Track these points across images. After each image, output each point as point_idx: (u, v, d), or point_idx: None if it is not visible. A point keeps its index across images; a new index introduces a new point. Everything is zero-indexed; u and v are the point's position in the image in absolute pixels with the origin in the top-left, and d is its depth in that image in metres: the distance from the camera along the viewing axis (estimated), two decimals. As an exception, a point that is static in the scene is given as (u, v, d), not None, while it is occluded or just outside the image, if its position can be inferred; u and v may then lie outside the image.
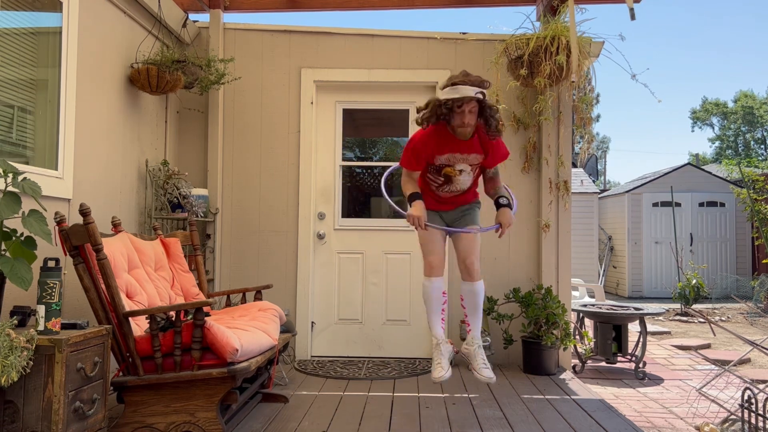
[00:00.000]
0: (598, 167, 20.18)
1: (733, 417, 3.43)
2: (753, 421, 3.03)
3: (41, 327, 2.27)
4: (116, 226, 3.28)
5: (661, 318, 8.47)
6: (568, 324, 4.46)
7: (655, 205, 11.60)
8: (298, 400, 3.63)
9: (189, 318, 2.82)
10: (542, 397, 3.77)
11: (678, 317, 8.54)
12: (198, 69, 4.25)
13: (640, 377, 4.73)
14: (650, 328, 7.12)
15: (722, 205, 11.60)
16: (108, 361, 2.55)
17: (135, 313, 2.75)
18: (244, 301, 3.86)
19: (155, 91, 3.98)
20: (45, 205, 2.61)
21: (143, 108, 4.23)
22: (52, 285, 2.30)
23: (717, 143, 34.68)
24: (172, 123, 4.72)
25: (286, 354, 4.55)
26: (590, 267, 11.39)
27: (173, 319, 2.77)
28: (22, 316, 2.38)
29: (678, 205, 11.41)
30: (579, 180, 12.12)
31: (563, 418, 3.33)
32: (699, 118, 35.00)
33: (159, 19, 4.25)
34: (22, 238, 2.39)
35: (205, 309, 2.95)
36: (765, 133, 32.82)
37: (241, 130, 4.85)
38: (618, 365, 5.06)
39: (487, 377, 3.07)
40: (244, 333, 2.89)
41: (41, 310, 2.28)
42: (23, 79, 3.00)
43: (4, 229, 2.36)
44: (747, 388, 3.11)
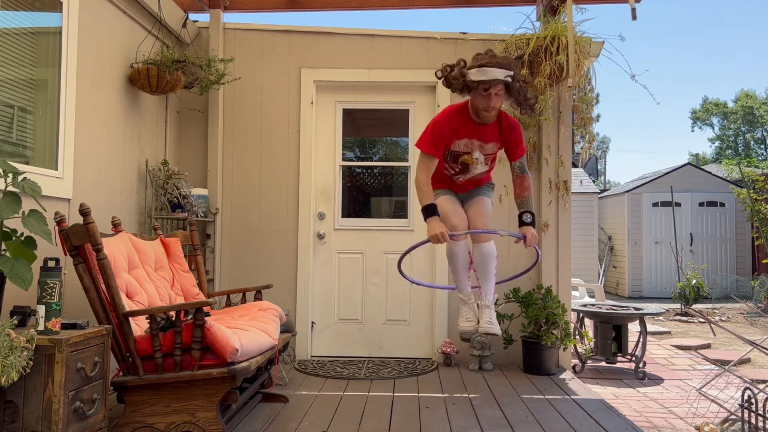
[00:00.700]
0: (598, 167, 20.18)
1: (733, 417, 3.43)
2: (753, 421, 3.03)
3: (41, 327, 2.27)
4: (116, 226, 3.28)
5: (661, 318, 8.47)
6: (568, 324, 4.46)
7: (655, 205, 11.60)
8: (298, 400, 3.63)
9: (189, 318, 2.82)
10: (542, 397, 3.77)
11: (678, 317, 8.55)
12: (198, 69, 4.25)
13: (640, 377, 4.73)
14: (650, 328, 7.12)
15: (722, 205, 11.60)
16: (108, 361, 2.55)
17: (135, 313, 2.75)
18: (244, 301, 3.86)
19: (155, 91, 3.98)
20: (45, 205, 2.61)
21: (143, 108, 4.23)
22: (52, 285, 2.30)
23: (717, 143, 34.68)
24: (172, 123, 4.72)
25: (286, 354, 4.55)
26: (590, 267, 11.39)
27: (173, 319, 2.77)
28: (22, 316, 2.38)
29: (678, 205, 11.41)
30: (579, 180, 12.12)
31: (563, 418, 3.33)
32: (699, 118, 35.01)
33: (159, 19, 4.25)
34: (22, 238, 2.39)
35: (205, 309, 2.95)
36: (765, 133, 32.82)
37: (241, 130, 4.85)
38: (618, 365, 5.05)
39: (495, 331, 2.99)
40: (244, 333, 2.89)
41: (41, 310, 2.28)
42: (23, 79, 3.00)
43: (4, 229, 2.36)
44: (747, 388, 3.11)
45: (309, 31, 4.90)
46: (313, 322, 4.85)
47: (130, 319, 2.74)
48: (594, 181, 15.56)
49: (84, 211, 2.67)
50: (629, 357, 4.89)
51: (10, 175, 2.38)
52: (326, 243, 4.90)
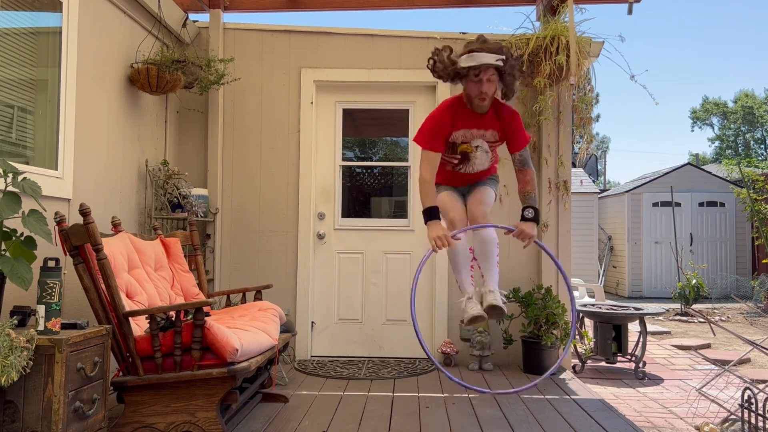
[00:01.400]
0: (598, 167, 20.18)
1: (733, 417, 3.43)
2: (753, 421, 3.03)
3: (41, 327, 2.27)
4: (116, 226, 3.28)
5: (661, 318, 8.47)
6: (568, 324, 4.46)
7: (655, 205, 11.60)
8: (298, 400, 3.63)
9: (189, 318, 2.82)
10: (542, 397, 3.77)
11: (678, 317, 8.55)
12: (198, 69, 4.25)
13: (640, 377, 4.73)
14: (650, 328, 7.12)
15: (722, 205, 11.60)
16: (108, 361, 2.55)
17: (135, 313, 2.75)
18: (244, 301, 3.86)
19: (155, 91, 3.98)
20: (45, 205, 2.61)
21: (143, 108, 4.23)
22: (52, 285, 2.30)
23: (717, 143, 34.68)
24: (172, 123, 4.72)
25: (286, 354, 4.55)
26: (590, 267, 11.39)
27: (173, 319, 2.77)
28: (22, 316, 2.38)
29: (678, 205, 11.41)
30: (579, 180, 12.12)
31: (563, 418, 3.33)
32: (699, 117, 35.00)
33: (159, 19, 4.25)
34: (22, 238, 2.39)
35: (205, 309, 2.95)
36: (765, 133, 32.82)
37: (241, 130, 4.85)
38: (618, 365, 5.05)
39: (501, 305, 2.89)
40: (244, 333, 2.89)
41: (41, 310, 2.28)
42: (23, 79, 3.00)
43: (4, 229, 2.36)
44: (747, 388, 3.11)
45: (309, 31, 4.90)
46: (313, 322, 4.85)
47: (130, 319, 2.74)
48: (594, 181, 15.57)
49: (84, 211, 2.67)
50: (629, 357, 4.89)
51: (10, 175, 2.38)
52: (326, 243, 4.90)
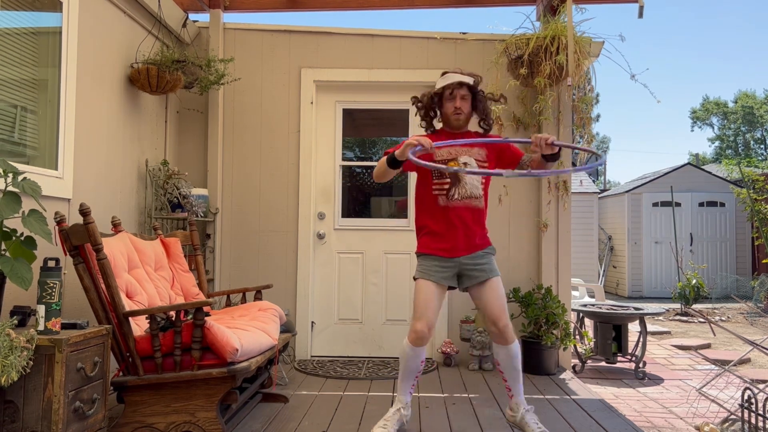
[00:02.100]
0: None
1: (733, 417, 3.43)
2: (753, 421, 3.03)
3: (41, 327, 2.27)
4: (116, 226, 3.28)
5: (661, 318, 8.47)
6: (568, 324, 4.46)
7: (655, 205, 11.60)
8: (298, 400, 3.63)
9: (189, 318, 2.82)
10: (542, 397, 3.77)
11: (678, 317, 8.55)
12: (198, 69, 4.24)
13: (640, 377, 4.73)
14: (650, 328, 7.12)
15: (722, 205, 11.60)
16: (108, 361, 2.55)
17: (135, 313, 2.75)
18: (244, 301, 3.86)
19: (155, 91, 3.98)
20: (45, 204, 2.62)
21: (143, 108, 4.23)
22: (52, 285, 2.30)
23: (717, 143, 34.68)
24: (172, 123, 4.72)
25: (286, 354, 4.55)
26: (590, 267, 11.39)
27: (173, 319, 2.77)
28: (22, 316, 2.38)
29: (678, 205, 11.42)
30: (579, 180, 12.13)
31: (563, 418, 3.33)
32: (699, 117, 35.00)
33: (159, 19, 4.25)
34: (22, 238, 2.39)
35: (205, 309, 2.95)
36: (765, 133, 32.81)
37: (241, 130, 4.85)
38: (618, 365, 5.05)
39: None
40: (244, 333, 2.89)
41: (41, 310, 2.28)
42: (23, 79, 3.00)
43: (4, 228, 2.36)
44: (747, 388, 3.11)
45: (309, 31, 4.90)
46: (313, 322, 4.85)
47: (130, 319, 2.74)
48: (594, 181, 15.57)
49: (84, 211, 2.67)
50: (629, 357, 4.89)
51: (10, 174, 2.37)
52: (326, 243, 4.90)
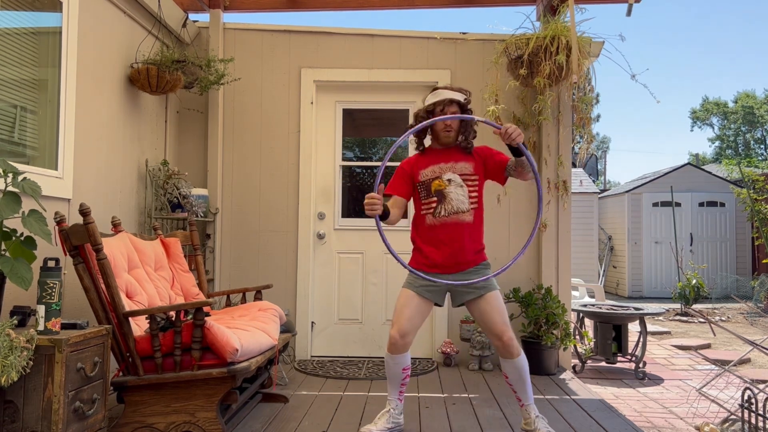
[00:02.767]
0: (598, 167, 20.19)
1: (733, 417, 3.43)
2: (753, 421, 3.03)
3: (41, 327, 2.27)
4: (116, 226, 3.28)
5: (661, 318, 8.47)
6: (568, 324, 4.46)
7: (655, 205, 11.60)
8: (298, 400, 3.63)
9: (189, 318, 2.82)
10: (542, 397, 3.77)
11: (678, 317, 8.55)
12: (198, 69, 4.24)
13: (640, 377, 4.73)
14: (650, 328, 7.12)
15: (722, 205, 11.60)
16: (108, 361, 2.55)
17: (135, 313, 2.75)
18: (244, 301, 3.86)
19: (155, 91, 3.98)
20: (45, 205, 2.61)
21: (143, 108, 4.23)
22: (52, 285, 2.30)
23: (717, 143, 34.68)
24: (172, 123, 4.72)
25: (286, 354, 4.55)
26: (590, 267, 11.39)
27: (173, 319, 2.77)
28: (22, 316, 2.38)
29: (678, 205, 11.42)
30: (579, 180, 12.13)
31: (563, 418, 3.33)
32: (699, 117, 35.00)
33: (159, 19, 4.25)
34: (22, 238, 2.39)
35: (205, 309, 2.96)
36: (765, 133, 32.81)
37: (241, 130, 4.85)
38: (618, 365, 5.05)
39: None
40: (244, 333, 2.89)
41: (41, 310, 2.28)
42: (23, 79, 3.00)
43: (4, 229, 2.36)
44: (747, 388, 3.11)
45: (309, 31, 4.90)
46: (313, 322, 4.85)
47: (130, 319, 2.74)
48: (594, 181, 15.57)
49: (84, 211, 2.67)
50: (629, 357, 4.89)
51: (10, 175, 2.37)
52: (326, 243, 4.90)
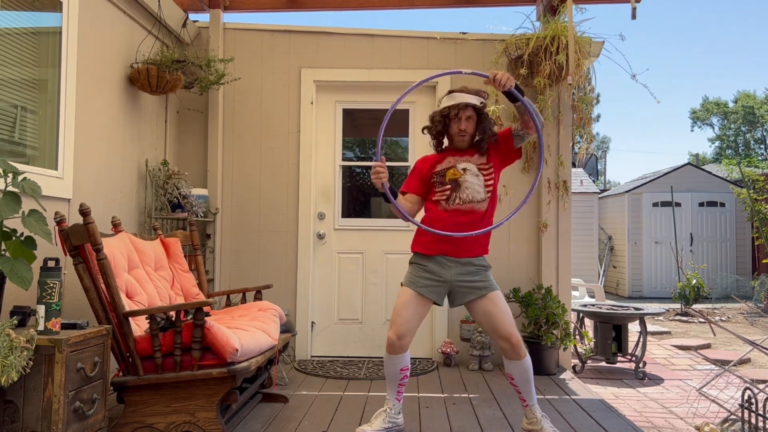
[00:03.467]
0: (598, 167, 20.18)
1: (733, 417, 3.43)
2: (753, 421, 3.03)
3: (41, 327, 2.27)
4: (116, 226, 3.28)
5: (661, 318, 8.47)
6: (568, 324, 4.46)
7: (655, 205, 11.60)
8: (298, 400, 3.63)
9: (189, 318, 2.82)
10: (542, 397, 3.77)
11: (678, 317, 8.55)
12: (198, 69, 4.24)
13: (640, 377, 4.73)
14: (650, 328, 7.12)
15: (722, 205, 11.60)
16: (108, 361, 2.55)
17: (135, 313, 2.75)
18: (244, 301, 3.86)
19: (155, 91, 3.98)
20: (45, 205, 2.62)
21: (143, 108, 4.23)
22: (52, 285, 2.30)
23: (717, 143, 34.67)
24: (172, 123, 4.72)
25: (286, 354, 4.55)
26: (590, 267, 11.39)
27: (173, 319, 2.77)
28: (22, 316, 2.38)
29: (678, 205, 11.42)
30: (579, 180, 12.13)
31: (563, 418, 3.33)
32: (699, 117, 34.99)
33: (159, 19, 4.25)
34: (22, 238, 2.39)
35: (205, 309, 2.96)
36: (765, 133, 32.81)
37: (241, 130, 4.85)
38: (618, 365, 5.06)
39: None
40: (244, 333, 2.89)
41: (41, 310, 2.28)
42: (23, 79, 3.00)
43: (4, 229, 2.36)
44: (747, 388, 3.11)
45: (309, 31, 4.90)
46: (313, 322, 4.85)
47: (130, 319, 2.74)
48: (594, 181, 15.57)
49: (84, 211, 2.67)
50: (629, 357, 4.89)
51: (10, 175, 2.37)
52: (326, 243, 4.90)
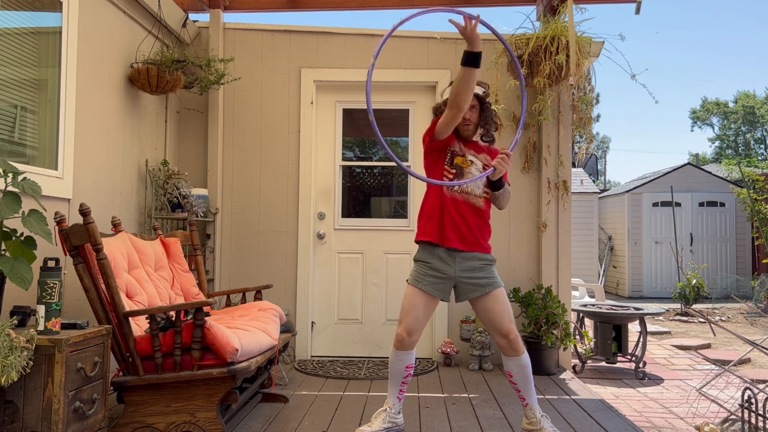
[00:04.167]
0: (598, 167, 20.19)
1: (733, 417, 3.43)
2: (753, 421, 3.03)
3: (41, 327, 2.27)
4: (116, 226, 3.28)
5: (661, 318, 8.47)
6: (568, 324, 4.46)
7: (655, 205, 11.60)
8: (298, 400, 3.63)
9: (189, 318, 2.82)
10: (542, 397, 3.77)
11: (678, 317, 8.55)
12: (198, 69, 4.25)
13: (640, 377, 4.73)
14: (650, 328, 7.12)
15: (722, 205, 11.60)
16: (108, 361, 2.55)
17: (135, 313, 2.75)
18: (244, 301, 3.86)
19: (155, 91, 3.98)
20: (45, 205, 2.62)
21: (143, 108, 4.23)
22: (52, 285, 2.30)
23: (717, 143, 34.68)
24: (172, 123, 4.72)
25: (286, 354, 4.55)
26: (590, 267, 11.39)
27: (173, 319, 2.77)
28: (22, 316, 2.38)
29: (678, 205, 11.42)
30: (579, 180, 12.13)
31: (563, 418, 3.33)
32: (699, 117, 35.00)
33: (159, 19, 4.25)
34: (22, 238, 2.39)
35: (205, 309, 2.96)
36: (765, 133, 32.81)
37: (241, 130, 4.85)
38: (618, 365, 5.05)
39: None
40: (244, 333, 2.89)
41: (41, 310, 2.28)
42: (23, 79, 3.00)
43: (4, 229, 2.36)
44: (747, 388, 3.11)
45: (309, 31, 4.90)
46: (313, 322, 4.85)
47: (130, 319, 2.74)
48: (594, 181, 15.57)
49: (84, 211, 2.67)
50: (629, 357, 4.89)
51: (10, 174, 2.37)
52: (326, 243, 4.90)
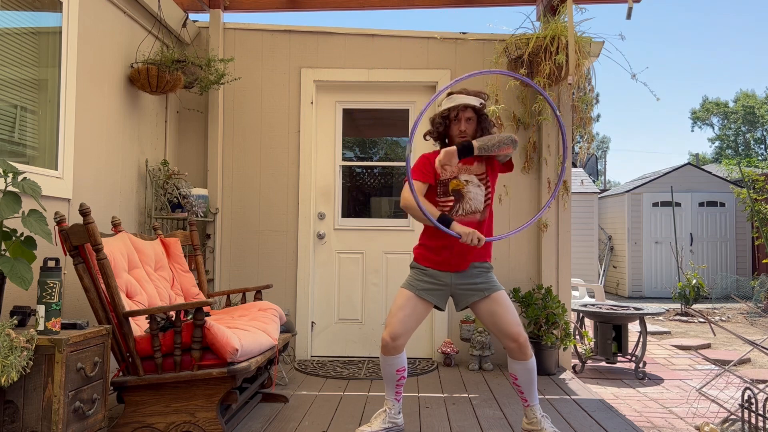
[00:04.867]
0: (598, 167, 20.19)
1: (733, 417, 3.43)
2: (753, 421, 3.03)
3: (41, 327, 2.27)
4: (116, 226, 3.28)
5: (661, 318, 8.47)
6: (568, 324, 4.46)
7: (655, 205, 11.60)
8: (298, 400, 3.63)
9: (189, 318, 2.83)
10: (542, 397, 3.77)
11: (678, 317, 8.55)
12: (198, 69, 4.25)
13: (640, 377, 4.73)
14: (650, 328, 7.12)
15: (722, 205, 11.60)
16: (108, 361, 2.55)
17: (135, 313, 2.75)
18: (244, 301, 3.86)
19: (155, 91, 3.98)
20: (45, 205, 2.62)
21: (143, 108, 4.23)
22: (52, 285, 2.30)
23: (717, 143, 34.68)
24: (172, 123, 4.72)
25: (286, 354, 4.55)
26: (590, 267, 11.39)
27: (173, 319, 2.77)
28: (22, 316, 2.38)
29: (678, 205, 11.42)
30: (579, 180, 12.14)
31: (563, 418, 3.33)
32: (699, 117, 35.00)
33: (159, 19, 4.25)
34: (22, 238, 2.39)
35: (205, 309, 2.96)
36: (765, 133, 32.81)
37: (241, 130, 4.85)
38: (618, 365, 5.05)
39: None
40: (244, 333, 2.89)
41: (41, 310, 2.28)
42: (23, 79, 3.00)
43: (4, 229, 2.36)
44: (747, 388, 3.11)
45: (309, 31, 4.90)
46: (313, 322, 4.85)
47: (130, 319, 2.74)
48: (594, 181, 15.57)
49: (84, 211, 2.67)
50: (629, 357, 4.89)
51: (10, 174, 2.37)
52: (326, 243, 4.90)
